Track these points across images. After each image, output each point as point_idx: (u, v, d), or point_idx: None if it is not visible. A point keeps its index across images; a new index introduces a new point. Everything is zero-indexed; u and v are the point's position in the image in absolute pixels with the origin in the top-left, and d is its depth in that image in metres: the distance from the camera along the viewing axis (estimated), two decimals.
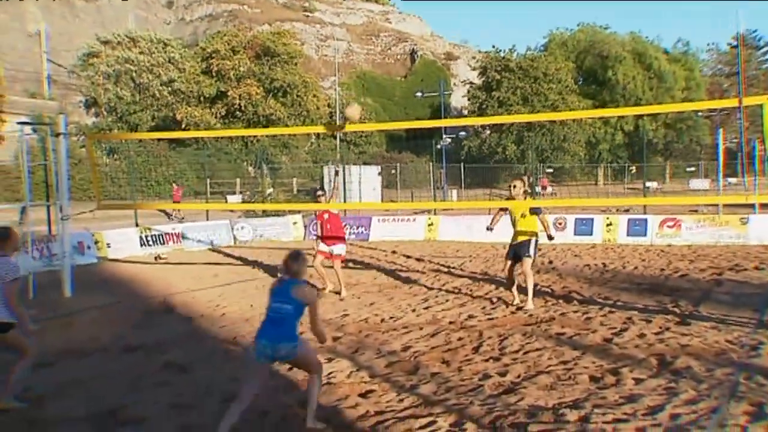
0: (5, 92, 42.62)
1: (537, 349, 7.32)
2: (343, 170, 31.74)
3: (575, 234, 19.31)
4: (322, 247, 11.78)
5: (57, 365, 7.40)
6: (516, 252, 10.29)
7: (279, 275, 5.60)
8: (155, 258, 17.09)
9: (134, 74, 45.62)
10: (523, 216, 10.28)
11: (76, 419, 5.60)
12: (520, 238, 10.26)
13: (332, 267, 11.73)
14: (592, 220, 19.57)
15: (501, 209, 11.11)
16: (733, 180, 43.96)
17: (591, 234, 19.19)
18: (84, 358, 7.67)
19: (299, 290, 5.21)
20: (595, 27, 67.90)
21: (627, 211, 23.81)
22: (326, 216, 11.97)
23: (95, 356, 7.78)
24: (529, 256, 10.14)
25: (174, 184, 29.11)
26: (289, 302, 5.15)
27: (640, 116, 60.12)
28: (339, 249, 11.80)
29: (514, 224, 10.44)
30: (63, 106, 47.50)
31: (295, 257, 5.38)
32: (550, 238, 10.51)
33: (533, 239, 10.24)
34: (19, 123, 16.12)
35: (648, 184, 32.36)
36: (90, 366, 7.36)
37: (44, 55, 53.84)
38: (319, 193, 12.81)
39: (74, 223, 12.72)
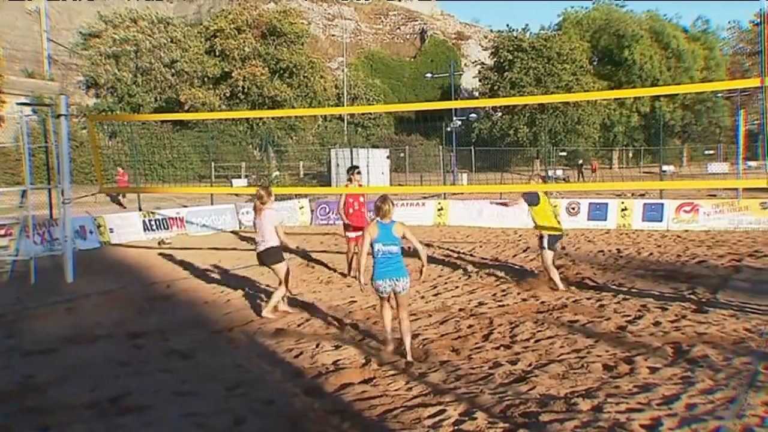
0: (4, 72, 42.69)
1: (549, 337, 7.32)
2: (351, 153, 31.77)
3: (589, 219, 19.28)
4: (353, 234, 11.69)
5: (59, 352, 7.45)
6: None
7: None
8: (159, 243, 17.14)
9: (134, 55, 45.54)
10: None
11: (79, 406, 5.64)
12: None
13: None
14: (607, 204, 19.52)
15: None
16: (753, 164, 43.71)
17: (605, 219, 19.14)
18: (86, 345, 7.72)
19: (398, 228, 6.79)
20: (611, 5, 67.26)
21: (643, 195, 23.71)
22: (361, 199, 12.01)
23: (98, 343, 7.82)
24: (544, 248, 10.27)
25: (119, 168, 28.61)
26: (395, 242, 6.72)
27: (657, 97, 59.70)
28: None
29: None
30: (64, 86, 47.59)
31: (384, 199, 6.80)
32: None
33: (545, 234, 10.34)
34: (18, 104, 16.19)
35: (665, 167, 32.21)
36: (92, 352, 7.40)
37: (44, 34, 53.81)
38: (355, 172, 12.43)
39: (76, 207, 12.80)
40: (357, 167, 12.72)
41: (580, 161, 49.06)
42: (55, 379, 6.43)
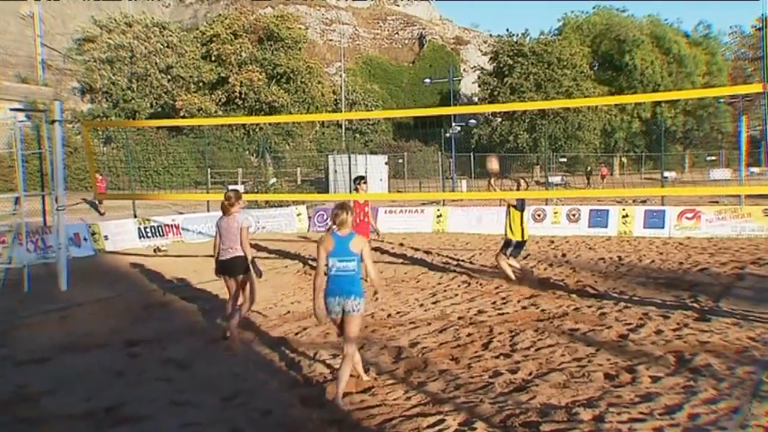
0: None
1: (549, 346, 7.33)
2: (349, 159, 31.76)
3: (589, 226, 19.28)
4: None
5: (53, 360, 7.44)
6: None
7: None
8: (154, 250, 17.14)
9: (130, 61, 45.57)
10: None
11: (73, 417, 5.63)
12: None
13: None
14: (607, 211, 19.52)
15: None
16: (756, 170, 43.79)
17: (606, 226, 19.14)
18: (81, 354, 7.71)
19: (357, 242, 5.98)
20: (612, 10, 67.28)
21: (644, 202, 23.76)
22: (366, 209, 12.07)
23: (93, 352, 7.81)
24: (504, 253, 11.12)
25: (98, 174, 28.36)
26: (352, 258, 5.91)
27: (658, 103, 59.73)
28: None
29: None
30: (58, 92, 47.59)
31: (342, 207, 6.07)
32: None
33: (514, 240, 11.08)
34: (12, 110, 16.22)
35: (666, 174, 32.25)
36: (87, 362, 7.39)
37: (38, 39, 53.86)
38: (362, 182, 12.40)
39: (70, 214, 12.78)
40: (363, 177, 12.60)
41: (589, 168, 49.06)
42: (48, 389, 6.43)
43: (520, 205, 10.91)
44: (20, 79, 50.09)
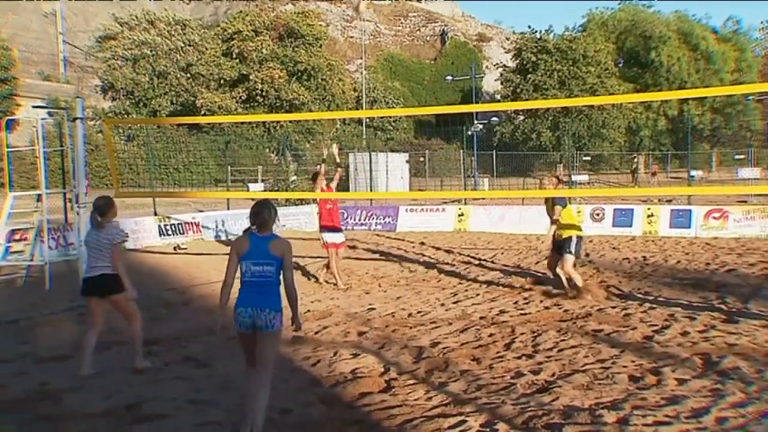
0: (20, 75, 43.17)
1: (572, 347, 7.27)
2: (370, 157, 31.76)
3: (614, 225, 19.14)
4: (335, 238, 11.77)
5: (73, 359, 7.49)
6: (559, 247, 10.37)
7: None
8: (174, 248, 17.23)
9: (152, 59, 45.87)
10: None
11: (94, 415, 5.68)
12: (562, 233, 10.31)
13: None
14: (632, 210, 19.36)
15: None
16: None
17: (630, 225, 18.99)
18: (101, 352, 7.77)
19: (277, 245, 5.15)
20: (637, 6, 66.67)
21: (669, 201, 23.50)
22: (329, 204, 12.03)
23: (113, 349, 7.88)
24: (570, 252, 10.15)
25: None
26: (270, 262, 5.09)
27: (685, 100, 59.10)
28: (342, 237, 12.06)
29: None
30: (79, 89, 48.06)
31: (264, 204, 5.28)
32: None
33: (573, 235, 10.24)
34: (34, 107, 16.38)
35: (693, 172, 31.91)
36: (107, 359, 7.45)
37: (60, 36, 54.38)
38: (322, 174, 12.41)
39: (90, 211, 12.85)
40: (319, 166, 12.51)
41: (635, 165, 48.54)
42: (69, 387, 6.48)
43: (561, 202, 10.50)
44: (43, 77, 50.65)
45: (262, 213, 5.17)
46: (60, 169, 17.12)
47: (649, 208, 19.35)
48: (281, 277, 5.12)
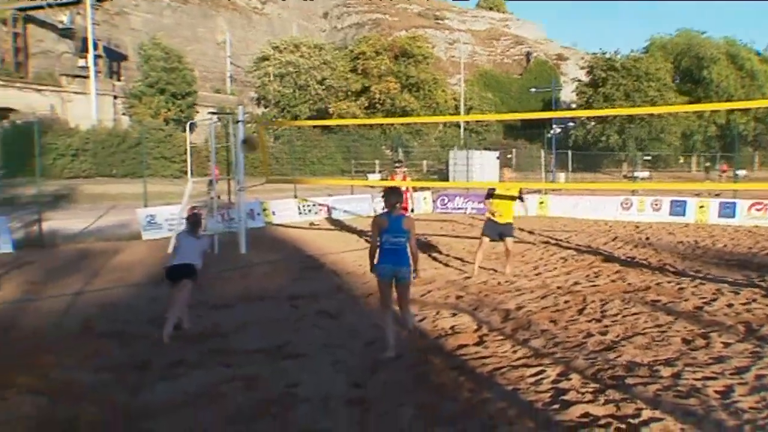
0: (199, 89, 45.23)
1: (634, 314, 7.01)
2: (467, 154, 31.43)
3: (670, 215, 18.24)
4: None
5: (235, 308, 7.83)
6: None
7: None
8: (310, 224, 17.55)
9: (295, 75, 46.89)
10: (511, 198, 10.24)
11: (252, 351, 5.93)
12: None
13: None
14: (686, 202, 18.40)
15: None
16: None
17: (684, 215, 18.06)
18: (256, 303, 8.08)
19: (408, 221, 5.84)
20: (693, 32, 63.22)
21: (718, 195, 22.05)
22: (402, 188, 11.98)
23: (265, 302, 8.16)
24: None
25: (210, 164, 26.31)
26: (403, 234, 5.77)
27: (732, 111, 55.74)
28: None
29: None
30: (240, 99, 49.78)
31: (396, 191, 5.93)
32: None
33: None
34: (209, 113, 17.08)
35: (738, 171, 29.90)
36: (261, 310, 7.73)
37: (227, 59, 56.48)
38: (397, 165, 12.49)
39: (247, 194, 13.35)
40: (397, 162, 12.55)
41: (708, 163, 46.00)
42: (233, 329, 6.78)
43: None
44: (214, 90, 52.85)
45: (394, 197, 5.84)
46: (225, 160, 17.83)
47: (700, 201, 18.36)
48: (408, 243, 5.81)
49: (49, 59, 42.40)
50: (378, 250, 5.80)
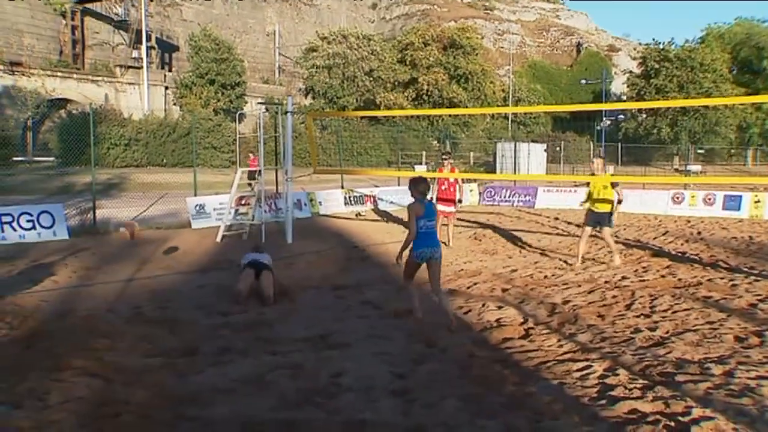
0: (248, 80, 45.90)
1: (685, 310, 6.79)
2: (514, 146, 31.01)
3: (723, 209, 17.63)
4: (444, 208, 11.82)
5: (282, 296, 7.90)
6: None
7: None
8: (356, 215, 17.61)
9: (343, 66, 47.02)
10: (604, 187, 10.16)
11: (297, 340, 5.98)
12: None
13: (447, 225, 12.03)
14: (741, 197, 17.75)
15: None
16: None
17: (738, 210, 17.43)
18: (301, 292, 8.15)
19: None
20: (752, 21, 60.45)
21: None
22: (444, 186, 12.00)
23: (310, 291, 8.23)
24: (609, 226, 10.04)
25: (251, 154, 24.91)
26: (434, 218, 6.49)
27: None
28: (453, 209, 12.04)
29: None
30: (289, 90, 50.31)
31: (425, 180, 6.47)
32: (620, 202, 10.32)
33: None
34: (258, 103, 17.31)
35: None
36: (306, 299, 7.80)
37: (276, 50, 57.10)
38: (445, 157, 12.49)
39: (294, 184, 13.47)
40: (444, 153, 12.75)
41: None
42: (278, 318, 6.86)
43: None
44: (263, 81, 53.54)
45: (423, 185, 6.39)
46: (273, 151, 18.03)
47: (756, 195, 17.65)
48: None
49: (105, 51, 43.71)
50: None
